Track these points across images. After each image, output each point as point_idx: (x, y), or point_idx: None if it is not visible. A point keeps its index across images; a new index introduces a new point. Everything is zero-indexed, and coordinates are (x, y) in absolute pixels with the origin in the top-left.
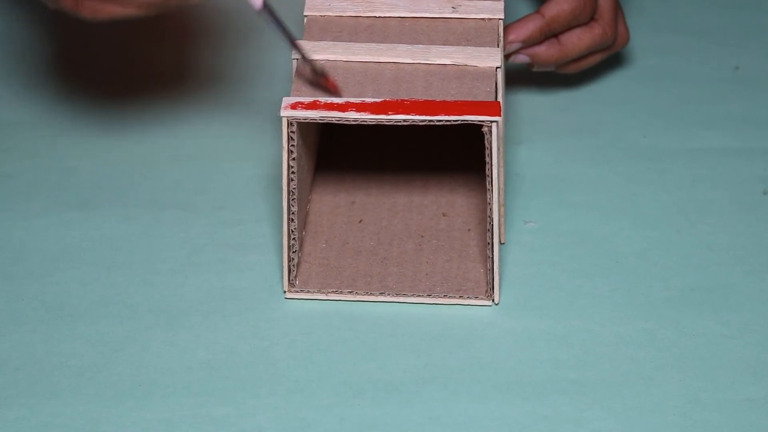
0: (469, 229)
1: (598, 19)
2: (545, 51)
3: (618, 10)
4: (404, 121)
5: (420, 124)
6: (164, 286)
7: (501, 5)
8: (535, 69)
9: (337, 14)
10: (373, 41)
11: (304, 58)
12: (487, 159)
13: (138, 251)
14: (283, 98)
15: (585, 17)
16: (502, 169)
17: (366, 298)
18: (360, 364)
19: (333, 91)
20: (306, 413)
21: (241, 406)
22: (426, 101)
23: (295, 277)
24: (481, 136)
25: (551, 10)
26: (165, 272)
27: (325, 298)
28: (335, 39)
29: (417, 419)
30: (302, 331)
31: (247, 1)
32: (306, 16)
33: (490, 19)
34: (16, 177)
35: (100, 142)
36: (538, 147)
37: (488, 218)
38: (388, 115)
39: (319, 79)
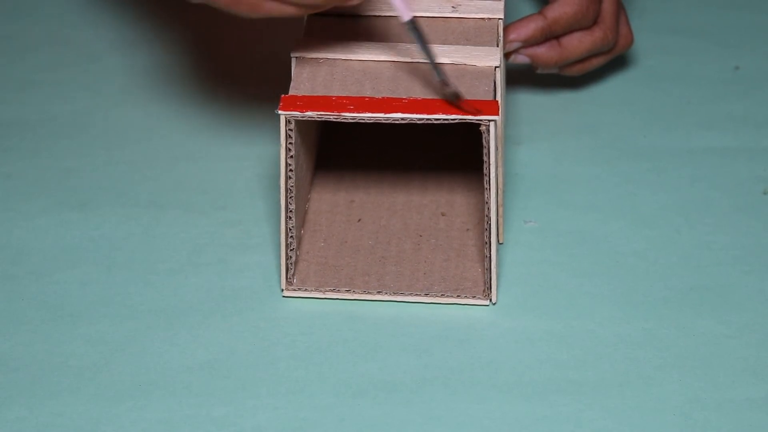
0: (467, 229)
1: (599, 23)
2: (545, 52)
3: (621, 13)
4: (402, 119)
5: (418, 122)
6: (164, 286)
7: (501, 5)
8: (538, 71)
9: (337, 13)
10: (372, 40)
11: (443, 82)
12: (485, 158)
13: (138, 251)
14: (281, 96)
15: (587, 21)
16: (500, 169)
17: (363, 296)
18: (360, 364)
19: (470, 112)
20: (306, 413)
21: (241, 406)
22: (424, 100)
23: (293, 275)
24: (480, 135)
25: (553, 12)
26: (165, 272)
27: (323, 296)
28: (335, 38)
29: (417, 419)
30: (302, 331)
31: (398, 10)
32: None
33: (490, 18)
34: (16, 177)
35: (100, 142)
36: (538, 147)
37: (486, 218)
38: (387, 113)
39: (456, 102)
